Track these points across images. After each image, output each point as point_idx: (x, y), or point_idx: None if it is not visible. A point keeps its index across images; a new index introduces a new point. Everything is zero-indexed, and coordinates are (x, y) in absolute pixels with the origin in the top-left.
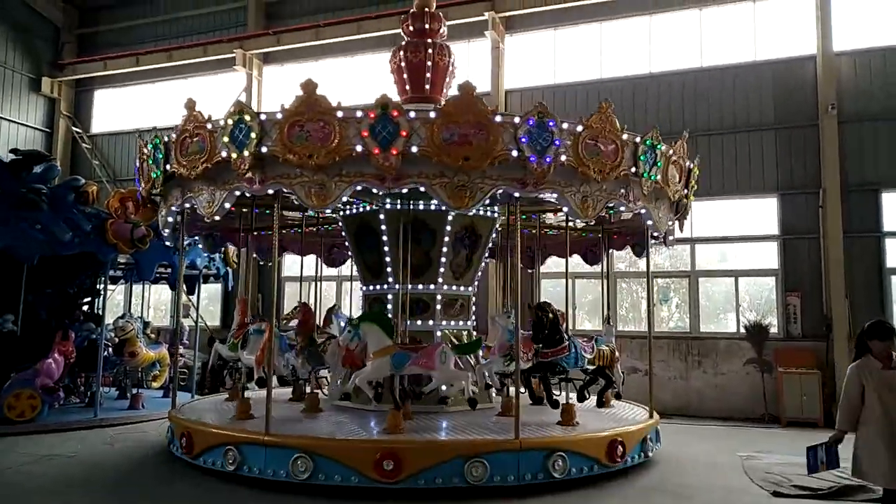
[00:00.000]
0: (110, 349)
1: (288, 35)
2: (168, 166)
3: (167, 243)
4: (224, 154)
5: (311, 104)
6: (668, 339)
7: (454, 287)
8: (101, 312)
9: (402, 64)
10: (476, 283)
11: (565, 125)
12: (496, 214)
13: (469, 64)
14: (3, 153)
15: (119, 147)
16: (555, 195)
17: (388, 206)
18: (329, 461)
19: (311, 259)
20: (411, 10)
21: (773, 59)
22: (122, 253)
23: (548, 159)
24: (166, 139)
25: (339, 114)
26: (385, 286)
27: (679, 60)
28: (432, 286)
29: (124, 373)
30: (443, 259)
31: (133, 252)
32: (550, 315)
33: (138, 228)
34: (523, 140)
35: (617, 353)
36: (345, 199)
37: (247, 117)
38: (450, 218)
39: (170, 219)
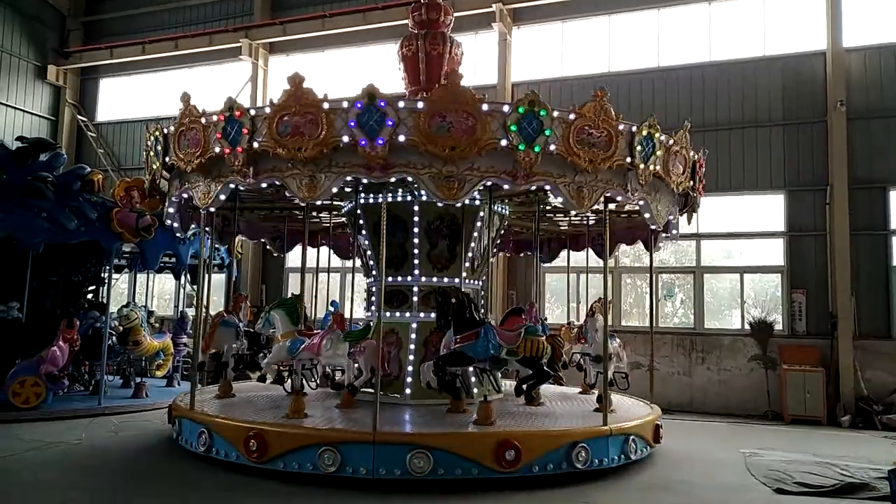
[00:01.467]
0: (114, 338)
1: (294, 25)
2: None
3: (178, 234)
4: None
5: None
6: (673, 334)
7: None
8: (105, 301)
9: (409, 55)
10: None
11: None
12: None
13: (476, 56)
14: (9, 141)
15: (124, 136)
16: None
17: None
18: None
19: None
20: (419, 1)
21: (783, 55)
22: (127, 242)
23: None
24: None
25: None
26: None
27: (687, 55)
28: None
29: (128, 361)
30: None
31: (138, 241)
32: (453, 300)
33: (143, 218)
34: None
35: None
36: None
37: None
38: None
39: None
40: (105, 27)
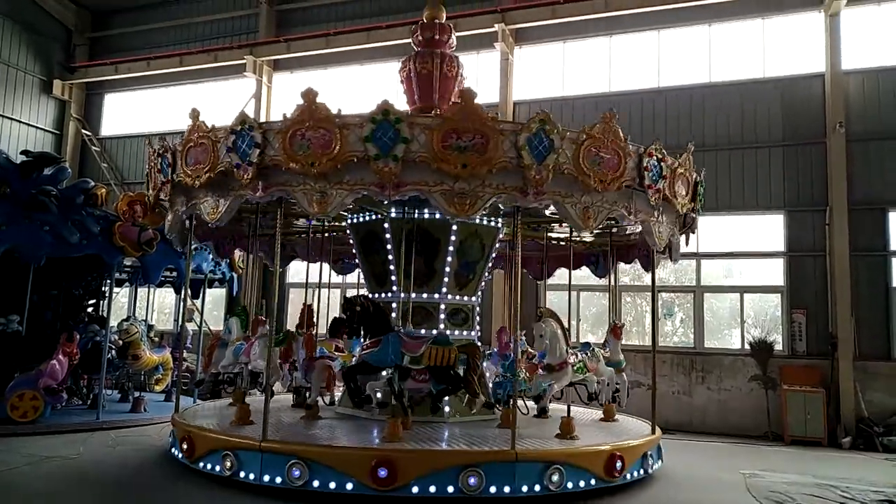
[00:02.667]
0: (114, 352)
1: (298, 43)
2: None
3: (177, 248)
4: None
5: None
6: (672, 353)
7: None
8: (105, 315)
9: (412, 74)
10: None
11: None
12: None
13: (478, 75)
14: (13, 154)
15: (128, 150)
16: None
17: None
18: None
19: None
20: (421, 21)
21: (782, 76)
22: (129, 256)
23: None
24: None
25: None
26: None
27: (687, 75)
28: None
29: (127, 376)
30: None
31: (140, 255)
32: (358, 308)
33: (146, 232)
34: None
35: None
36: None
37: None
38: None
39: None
40: (111, 43)
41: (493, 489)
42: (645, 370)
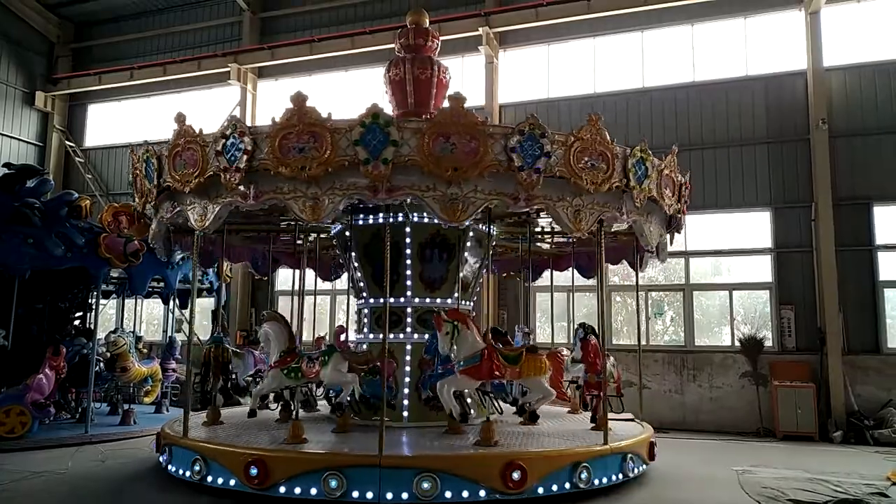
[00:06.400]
0: (102, 364)
1: (282, 50)
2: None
3: (161, 258)
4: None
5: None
6: (663, 352)
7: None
8: (93, 327)
9: (396, 79)
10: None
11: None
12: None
13: (463, 79)
14: None
15: (112, 161)
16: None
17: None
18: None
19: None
20: (405, 26)
21: (765, 75)
22: (115, 267)
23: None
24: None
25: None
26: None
27: (671, 75)
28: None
29: (116, 388)
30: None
31: (126, 266)
32: None
33: (131, 243)
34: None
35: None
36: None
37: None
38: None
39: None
40: (93, 53)
41: (355, 493)
42: (636, 370)
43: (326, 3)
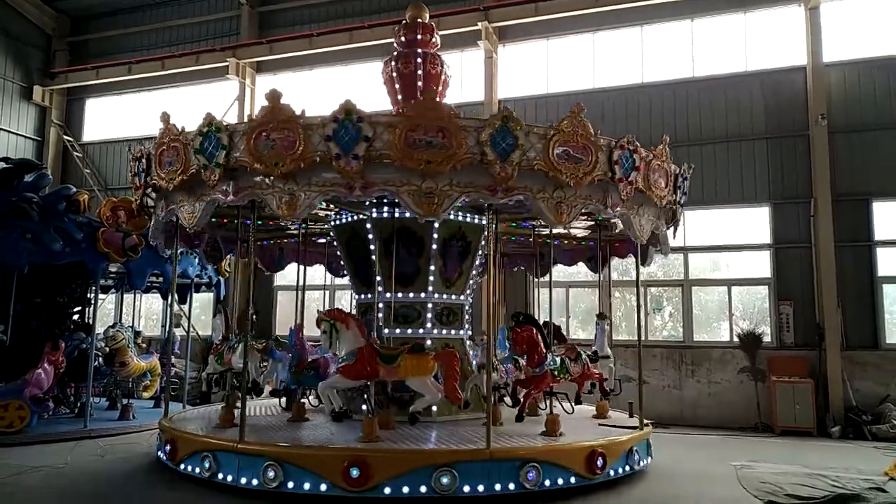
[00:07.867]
0: (101, 359)
1: (281, 44)
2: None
3: (162, 253)
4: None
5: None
6: (662, 348)
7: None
8: (91, 322)
9: (395, 74)
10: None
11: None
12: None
13: (462, 74)
14: None
15: (111, 155)
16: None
17: (374, 215)
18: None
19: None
20: (404, 21)
21: (764, 70)
22: (114, 262)
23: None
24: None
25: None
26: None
27: (671, 70)
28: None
29: (115, 383)
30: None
31: (124, 261)
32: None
33: (130, 237)
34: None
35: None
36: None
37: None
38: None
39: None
40: (91, 47)
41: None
42: (635, 365)
43: None
